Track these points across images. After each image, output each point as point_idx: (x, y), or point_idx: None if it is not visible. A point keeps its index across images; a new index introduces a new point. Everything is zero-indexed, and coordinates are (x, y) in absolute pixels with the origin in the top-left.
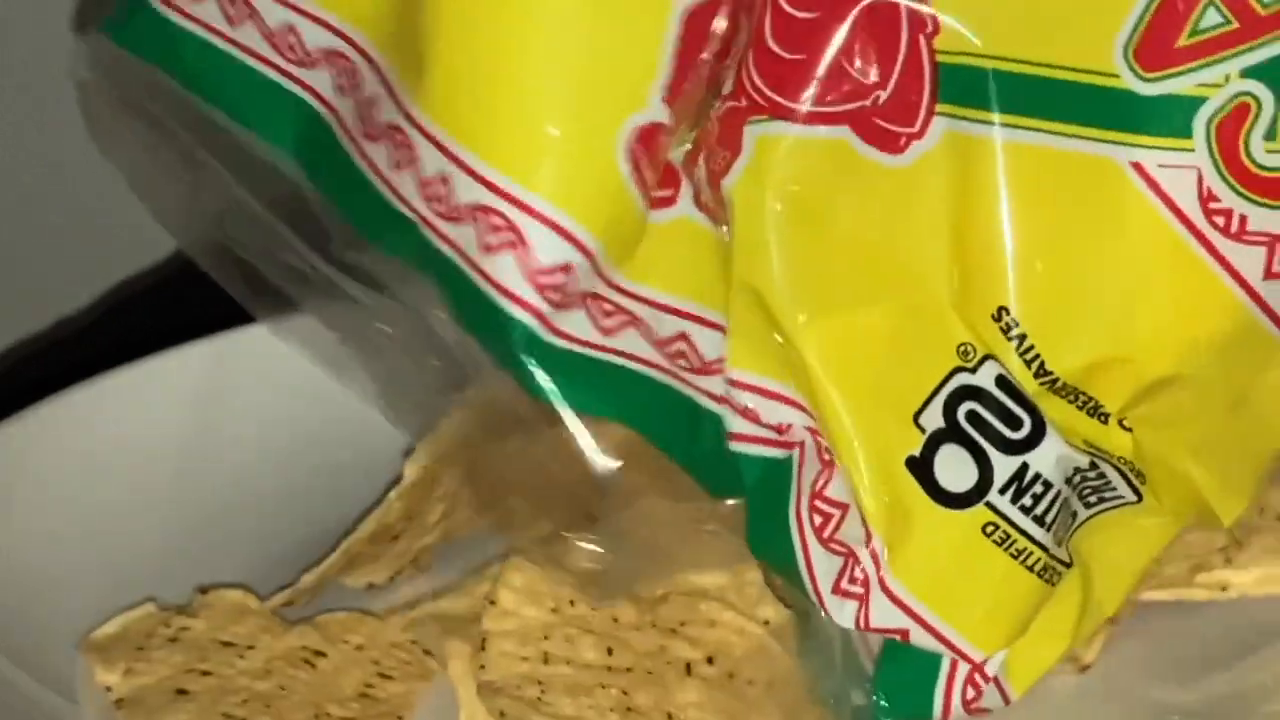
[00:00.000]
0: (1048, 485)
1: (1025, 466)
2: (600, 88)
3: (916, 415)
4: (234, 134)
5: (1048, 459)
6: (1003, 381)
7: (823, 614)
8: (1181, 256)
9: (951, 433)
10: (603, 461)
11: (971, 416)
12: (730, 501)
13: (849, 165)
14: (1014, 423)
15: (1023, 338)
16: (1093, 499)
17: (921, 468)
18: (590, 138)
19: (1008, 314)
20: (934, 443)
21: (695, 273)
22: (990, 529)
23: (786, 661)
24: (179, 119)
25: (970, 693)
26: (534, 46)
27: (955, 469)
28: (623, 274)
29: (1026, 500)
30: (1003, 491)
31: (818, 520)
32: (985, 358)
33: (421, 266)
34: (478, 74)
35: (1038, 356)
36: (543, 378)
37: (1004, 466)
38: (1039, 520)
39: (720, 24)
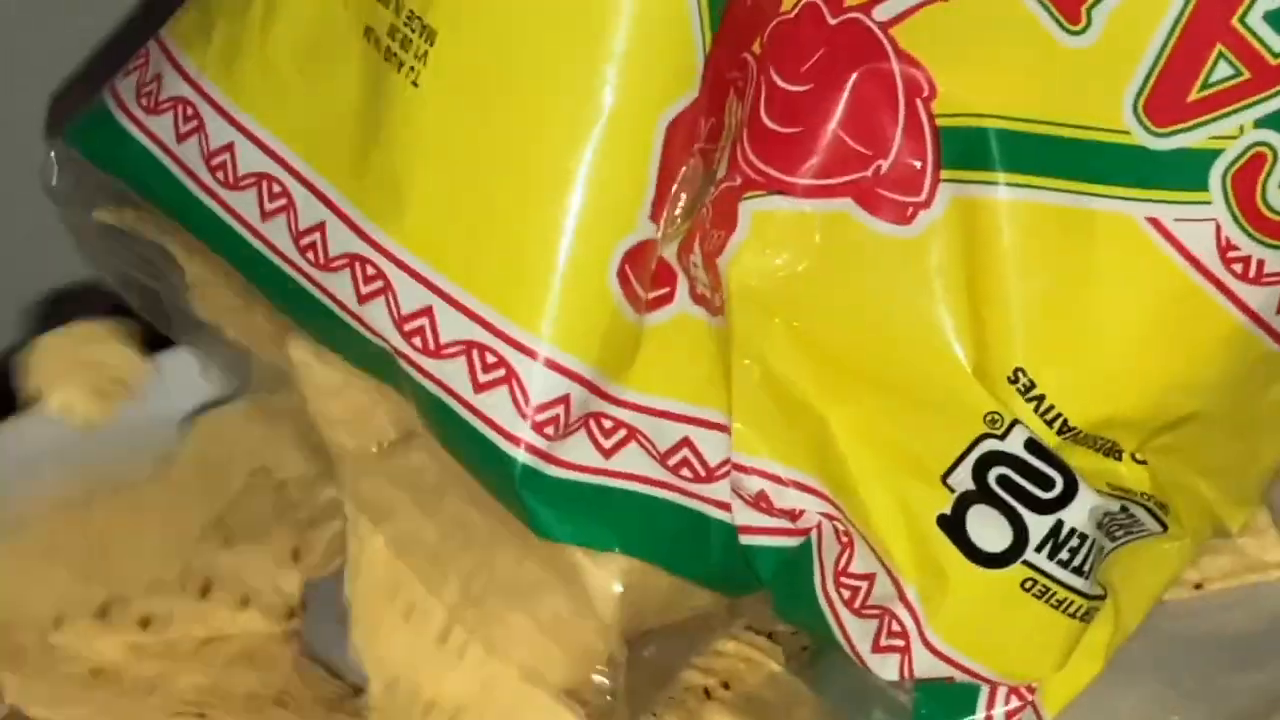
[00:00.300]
0: (1084, 537)
1: (1060, 523)
2: (594, 220)
3: (944, 476)
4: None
5: (1081, 512)
6: (1032, 445)
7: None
8: (1198, 304)
9: (982, 495)
10: (609, 592)
11: (1003, 480)
12: None
13: (852, 237)
14: (1046, 484)
15: (1041, 398)
16: (1119, 534)
17: (953, 527)
18: (585, 271)
19: (1024, 375)
20: (963, 503)
21: (695, 372)
22: (1029, 584)
23: (797, 685)
24: (148, 216)
25: (1015, 702)
26: (530, 183)
27: (989, 529)
28: (621, 386)
29: (1064, 555)
30: (1039, 550)
31: (846, 594)
32: (1014, 423)
33: (402, 390)
34: (467, 210)
35: (1059, 415)
36: (546, 514)
37: (1039, 526)
38: (1078, 571)
39: (702, 122)
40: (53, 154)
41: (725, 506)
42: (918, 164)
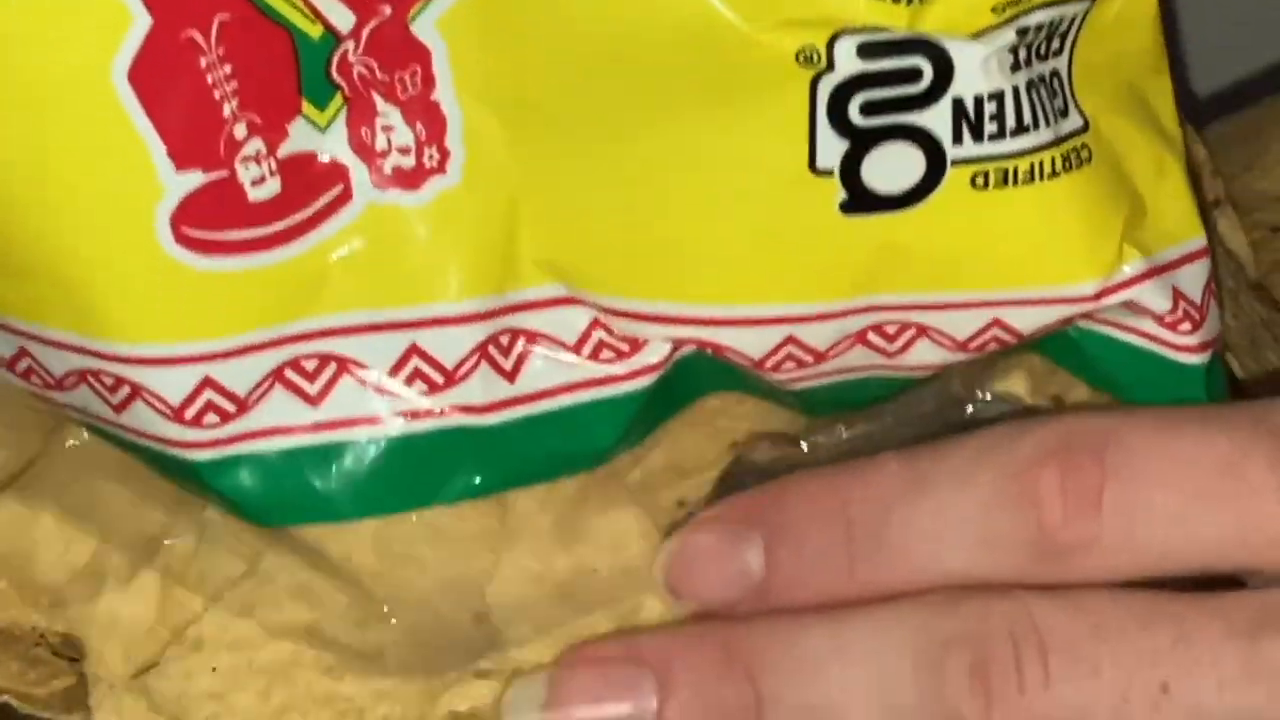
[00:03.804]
0: (996, 94)
1: (960, 100)
2: (107, 209)
3: (811, 164)
4: None
5: (973, 73)
6: (866, 48)
7: None
8: None
9: (860, 142)
10: None
11: (869, 107)
12: None
13: None
14: (912, 76)
15: None
16: (1056, 44)
17: (863, 202)
18: (134, 257)
19: None
20: (849, 169)
21: (402, 269)
22: (981, 179)
23: None
24: None
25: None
26: (31, 204)
27: (896, 164)
28: (307, 317)
29: (990, 127)
30: (959, 141)
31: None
32: (831, 40)
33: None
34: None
35: None
36: (252, 499)
37: (938, 119)
38: (1020, 129)
39: (198, 36)
40: None
41: (474, 410)
42: None
